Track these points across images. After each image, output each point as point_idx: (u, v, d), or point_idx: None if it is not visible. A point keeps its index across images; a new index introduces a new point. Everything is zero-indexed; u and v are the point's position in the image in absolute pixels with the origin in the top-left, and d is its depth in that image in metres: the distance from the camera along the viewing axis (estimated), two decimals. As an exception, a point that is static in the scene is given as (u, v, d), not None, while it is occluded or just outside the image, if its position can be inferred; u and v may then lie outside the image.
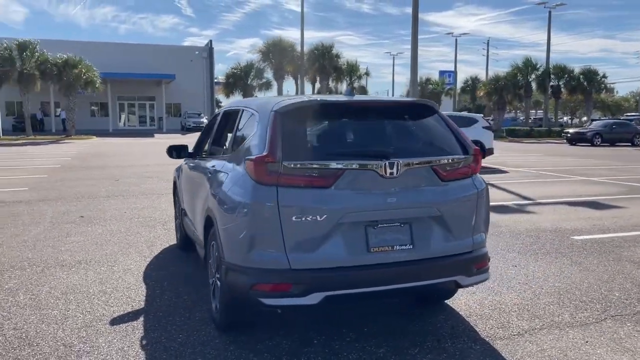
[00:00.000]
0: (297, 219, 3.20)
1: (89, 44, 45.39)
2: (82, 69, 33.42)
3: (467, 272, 3.60)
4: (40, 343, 3.65)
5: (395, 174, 3.35)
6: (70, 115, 34.87)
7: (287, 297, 3.21)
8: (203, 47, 51.38)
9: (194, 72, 48.31)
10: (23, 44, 32.22)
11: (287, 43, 38.86)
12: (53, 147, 26.19)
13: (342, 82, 44.03)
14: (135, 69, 44.38)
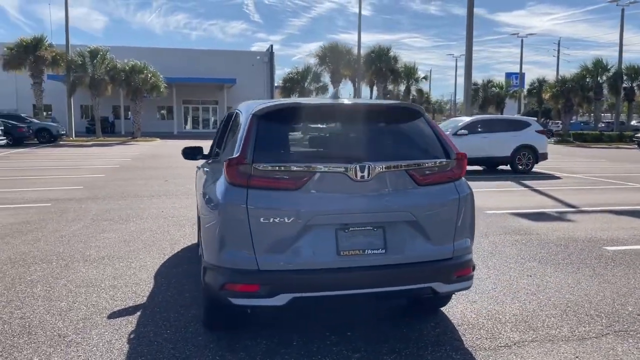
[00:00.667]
0: (265, 221, 3.25)
1: (156, 50, 47.46)
2: (147, 74, 35.03)
3: (445, 280, 3.51)
4: (38, 332, 3.90)
5: (367, 177, 3.33)
6: (137, 118, 36.61)
7: (254, 297, 3.27)
8: (264, 52, 52.44)
9: (255, 76, 49.38)
10: (94, 51, 34.22)
11: (343, 47, 39.05)
12: (118, 149, 27.58)
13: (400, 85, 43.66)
14: (199, 73, 45.95)
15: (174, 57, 46.92)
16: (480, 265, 5.76)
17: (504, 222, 8.23)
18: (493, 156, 15.93)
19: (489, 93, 50.74)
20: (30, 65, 32.95)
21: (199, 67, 46.44)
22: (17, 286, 4.98)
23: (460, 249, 3.61)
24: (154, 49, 48.10)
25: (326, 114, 3.80)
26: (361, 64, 36.79)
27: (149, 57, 38.84)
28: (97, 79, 33.62)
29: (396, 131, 3.80)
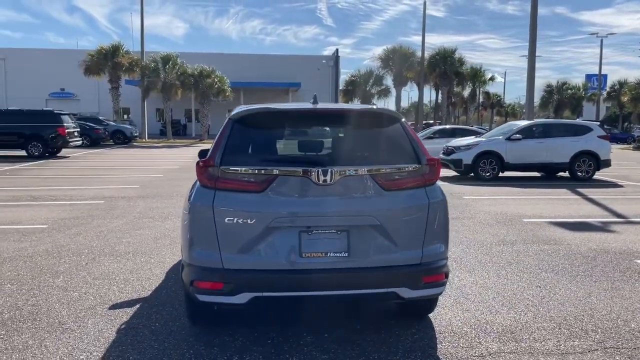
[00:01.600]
0: (230, 221, 3.39)
1: (226, 55, 49.17)
2: (214, 78, 36.37)
3: (412, 285, 3.50)
4: (42, 319, 4.25)
5: (329, 181, 3.39)
6: (204, 121, 38.10)
7: (218, 295, 3.42)
8: (330, 56, 52.89)
9: (321, 80, 49.86)
10: (166, 57, 36.00)
11: (407, 49, 38.58)
12: (183, 150, 28.81)
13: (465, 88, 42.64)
14: (265, 78, 47.10)
15: (242, 62, 48.40)
16: (491, 274, 5.62)
17: (537, 231, 7.93)
18: (550, 162, 15.26)
19: (564, 95, 48.37)
20: (109, 71, 35.14)
21: (266, 72, 47.60)
22: (42, 276, 5.42)
23: (431, 254, 3.59)
24: (224, 54, 49.84)
25: (299, 119, 3.90)
26: (425, 66, 36.22)
27: (218, 62, 40.34)
28: (168, 84, 35.34)
29: (368, 136, 3.82)
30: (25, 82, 48.06)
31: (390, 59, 37.88)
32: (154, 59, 35.89)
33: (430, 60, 38.06)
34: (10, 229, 7.82)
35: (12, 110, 23.58)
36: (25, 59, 48.95)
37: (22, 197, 11.03)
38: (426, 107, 72.43)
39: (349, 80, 41.11)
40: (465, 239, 7.30)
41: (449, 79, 38.48)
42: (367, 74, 39.22)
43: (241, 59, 49.71)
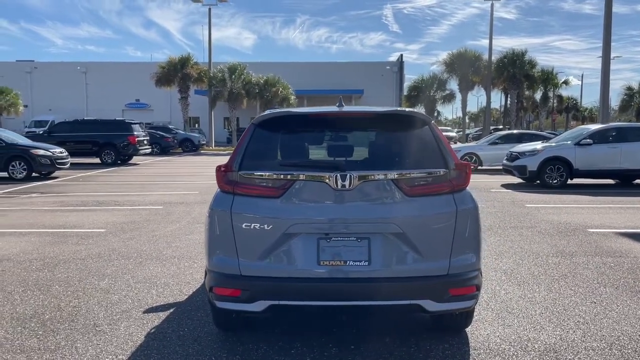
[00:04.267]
0: (247, 227, 3.33)
1: (290, 64, 49.90)
2: (279, 87, 36.94)
3: (436, 297, 3.29)
4: (79, 320, 4.37)
5: (348, 186, 3.26)
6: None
7: (236, 302, 3.36)
8: (394, 62, 52.50)
9: (385, 86, 49.63)
10: (232, 67, 36.99)
11: (472, 53, 37.42)
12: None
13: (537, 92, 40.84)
14: (329, 85, 47.33)
15: (306, 71, 48.97)
16: (542, 287, 5.25)
17: (602, 242, 7.37)
18: (625, 169, 14.24)
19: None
20: (178, 82, 36.52)
21: (329, 80, 47.85)
22: (89, 278, 5.61)
23: (459, 265, 3.37)
24: (288, 63, 50.62)
25: (322, 123, 3.79)
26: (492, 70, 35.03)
27: (283, 71, 41.02)
28: (234, 93, 36.28)
29: (392, 140, 3.66)
30: (104, 93, 50.94)
31: (455, 63, 36.94)
32: (220, 70, 37.00)
33: (498, 64, 36.76)
34: (72, 232, 8.20)
35: (88, 120, 25.00)
36: (104, 72, 51.90)
37: (89, 202, 11.59)
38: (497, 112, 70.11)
39: (412, 85, 40.42)
40: (520, 250, 6.90)
41: (518, 82, 36.96)
42: (430, 79, 38.40)
43: (305, 67, 50.28)
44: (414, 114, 3.68)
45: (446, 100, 39.71)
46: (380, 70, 50.77)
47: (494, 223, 8.87)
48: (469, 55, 37.49)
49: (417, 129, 3.59)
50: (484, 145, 20.54)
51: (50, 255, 6.64)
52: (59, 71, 52.97)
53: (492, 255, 6.61)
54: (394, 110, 3.81)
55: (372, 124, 3.75)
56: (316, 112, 3.82)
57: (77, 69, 52.51)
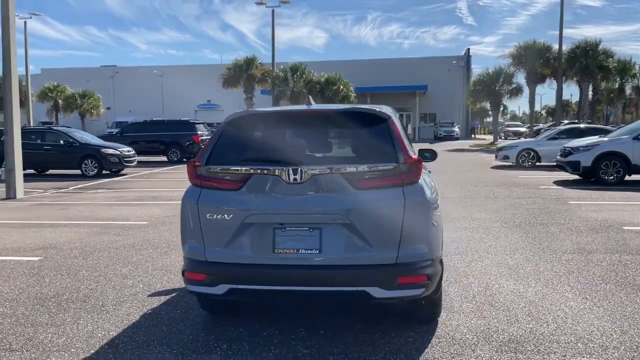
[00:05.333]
0: (211, 217, 3.65)
1: (352, 62, 50.17)
2: (340, 85, 37.28)
3: (384, 285, 3.46)
4: (90, 302, 4.88)
5: (299, 180, 3.50)
6: (330, 126, 39.28)
7: (202, 285, 3.69)
8: (461, 56, 51.34)
9: (451, 81, 48.68)
10: (294, 66, 37.75)
11: (541, 44, 35.78)
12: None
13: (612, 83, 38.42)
14: (392, 82, 47.12)
15: (369, 68, 48.99)
16: (539, 283, 5.22)
17: (633, 240, 7.10)
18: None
19: None
20: (244, 83, 37.75)
21: (393, 76, 47.60)
22: (115, 265, 6.17)
23: (408, 255, 3.52)
24: (351, 61, 50.90)
25: (285, 121, 4.03)
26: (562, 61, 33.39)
27: (347, 69, 41.46)
28: (296, 92, 37.01)
29: (348, 136, 3.85)
30: (178, 95, 53.41)
31: (523, 55, 35.51)
32: (283, 69, 37.87)
33: (570, 55, 34.93)
34: (117, 224, 8.92)
35: (155, 121, 26.49)
36: (178, 74, 54.44)
37: (145, 197, 12.44)
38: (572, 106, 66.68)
39: (477, 80, 39.26)
40: (538, 246, 6.80)
41: (591, 74, 34.99)
42: (496, 72, 37.18)
43: (369, 64, 50.31)
44: (372, 111, 3.85)
45: (513, 95, 38.28)
46: (446, 65, 49.84)
47: (524, 220, 8.71)
48: (537, 47, 35.95)
49: (374, 125, 3.76)
50: (543, 140, 19.81)
51: (90, 245, 7.31)
52: (138, 75, 56.21)
53: (505, 251, 6.57)
54: (353, 108, 3.99)
55: (333, 121, 3.96)
56: (281, 111, 4.09)
57: (154, 73, 55.45)
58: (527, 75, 36.42)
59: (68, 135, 19.50)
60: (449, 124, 46.43)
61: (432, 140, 44.56)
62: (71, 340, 3.96)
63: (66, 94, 42.73)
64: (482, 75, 38.40)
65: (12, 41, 13.50)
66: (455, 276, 5.49)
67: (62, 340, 3.97)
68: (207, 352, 3.72)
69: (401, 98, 49.06)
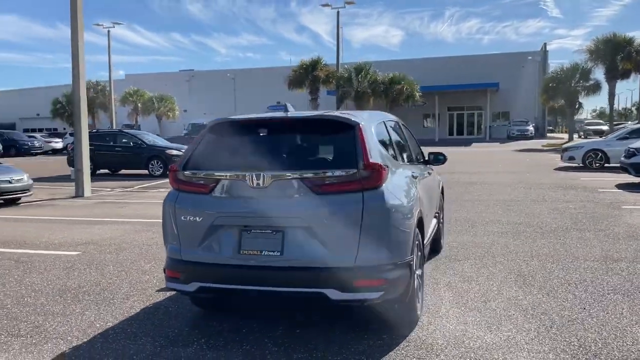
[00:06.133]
0: (185, 219, 3.90)
1: (420, 60, 49.41)
2: (404, 84, 36.91)
3: (341, 287, 3.54)
4: (104, 294, 5.29)
5: (262, 185, 3.66)
6: (394, 126, 39.00)
7: (177, 282, 3.95)
8: (537, 52, 49.15)
9: (525, 78, 46.76)
10: (358, 67, 37.84)
11: (621, 37, 33.35)
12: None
13: None
14: (462, 80, 45.94)
15: (441, 66, 48.05)
16: (543, 291, 5.07)
17: (669, 247, 6.66)
18: None
19: None
20: (308, 84, 38.31)
21: (463, 73, 46.41)
22: (140, 261, 6.61)
23: (367, 259, 3.58)
24: (417, 59, 50.20)
25: (258, 128, 4.19)
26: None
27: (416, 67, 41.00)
28: (360, 92, 37.07)
29: (313, 142, 3.97)
30: (250, 97, 54.97)
31: (601, 49, 33.36)
32: (347, 70, 38.04)
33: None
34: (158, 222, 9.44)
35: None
36: (250, 77, 56.06)
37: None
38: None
39: (550, 77, 37.33)
40: (561, 253, 6.55)
41: (680, 66, 32.28)
42: (571, 68, 35.19)
43: (436, 62, 49.32)
44: (339, 118, 3.94)
45: (590, 92, 36.12)
46: (520, 61, 47.86)
47: (562, 225, 8.36)
48: (617, 40, 33.71)
49: (341, 132, 3.85)
50: (612, 140, 18.67)
51: (126, 241, 7.85)
52: (212, 78, 58.39)
53: (524, 257, 6.38)
54: (322, 115, 4.10)
55: (303, 128, 4.08)
56: (255, 118, 4.27)
57: (227, 76, 57.40)
58: (606, 71, 34.26)
59: (137, 137, 20.78)
60: (522, 122, 44.62)
61: (503, 139, 43.04)
62: (71, 330, 4.35)
63: (145, 98, 45.28)
64: (556, 71, 36.55)
65: (80, 54, 14.60)
66: (457, 281, 5.44)
67: (63, 329, 4.37)
68: (184, 346, 3.97)
69: (471, 96, 47.76)
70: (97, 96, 46.43)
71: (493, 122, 48.49)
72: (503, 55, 49.76)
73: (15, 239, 8.23)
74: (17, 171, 13.37)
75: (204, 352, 3.84)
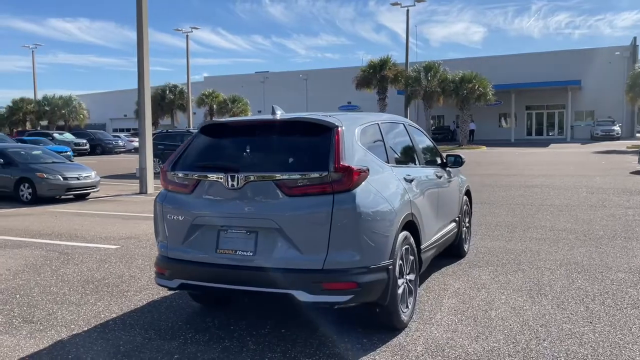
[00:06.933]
0: (170, 217, 4.06)
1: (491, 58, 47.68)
2: (476, 83, 35.72)
3: (309, 289, 3.54)
4: (122, 287, 5.60)
5: (236, 186, 3.73)
6: (464, 126, 37.86)
7: (163, 278, 4.11)
8: (626, 47, 45.86)
9: (611, 75, 43.76)
10: (427, 66, 37.08)
11: None
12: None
13: None
14: (541, 77, 43.78)
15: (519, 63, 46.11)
16: (553, 303, 4.80)
17: None
18: None
19: None
20: (376, 84, 38.06)
21: (543, 71, 44.20)
22: (167, 257, 6.91)
23: (337, 261, 3.57)
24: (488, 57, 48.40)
25: (242, 130, 4.25)
26: None
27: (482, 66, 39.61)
28: (429, 92, 36.32)
29: (289, 144, 3.96)
30: (321, 97, 55.51)
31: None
32: (416, 69, 37.41)
33: None
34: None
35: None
36: (322, 77, 56.56)
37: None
38: None
39: (636, 73, 34.61)
40: (594, 263, 6.14)
41: None
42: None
43: (517, 59, 47.26)
44: (316, 121, 3.94)
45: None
46: (607, 57, 44.84)
47: (610, 233, 7.83)
48: None
49: (318, 134, 3.85)
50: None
51: (164, 237, 8.22)
52: (285, 79, 59.48)
53: (551, 266, 6.05)
54: (300, 118, 4.11)
55: (283, 130, 4.10)
56: (240, 120, 4.36)
57: (299, 77, 58.26)
58: None
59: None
60: (608, 122, 41.79)
61: (586, 140, 40.58)
62: (77, 318, 4.65)
63: (219, 100, 46.93)
64: (640, 67, 33.93)
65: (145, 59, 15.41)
66: (467, 288, 5.26)
67: (71, 317, 4.68)
68: (170, 339, 4.14)
69: (550, 94, 45.36)
70: (176, 98, 48.71)
71: (576, 122, 45.82)
72: (587, 51, 46.80)
73: (69, 232, 8.86)
74: (85, 169, 14.38)
75: (186, 346, 3.98)
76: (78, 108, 52.60)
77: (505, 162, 23.61)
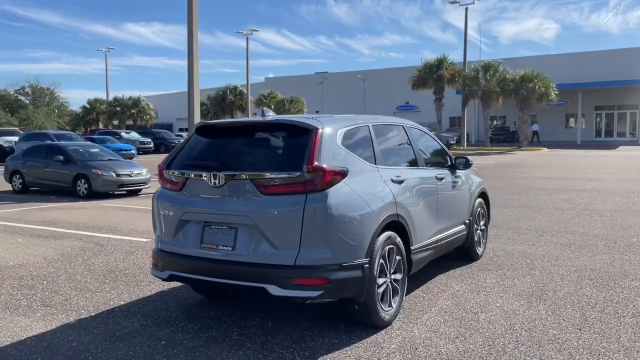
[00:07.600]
0: (163, 212, 4.33)
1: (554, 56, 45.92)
2: (537, 82, 34.46)
3: (281, 284, 3.69)
4: (139, 277, 5.96)
5: (218, 184, 3.94)
6: (524, 127, 36.56)
7: (157, 270, 4.39)
8: None
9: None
10: (486, 65, 36.15)
11: None
12: (488, 158, 28.45)
13: None
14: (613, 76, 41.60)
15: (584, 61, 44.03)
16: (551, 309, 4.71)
17: None
18: None
19: None
20: (433, 83, 37.55)
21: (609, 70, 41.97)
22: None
23: (309, 258, 3.71)
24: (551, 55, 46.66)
25: (231, 131, 4.44)
26: None
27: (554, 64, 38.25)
28: (487, 91, 35.40)
29: (270, 145, 4.12)
30: (379, 97, 55.38)
31: None
32: (474, 69, 36.58)
33: None
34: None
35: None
36: (379, 77, 56.36)
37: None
38: None
39: None
40: (614, 270, 5.93)
41: None
42: None
43: (582, 57, 45.17)
44: (296, 123, 4.09)
45: None
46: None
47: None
48: None
49: (297, 136, 3.99)
50: None
51: (194, 233, 8.60)
52: (343, 79, 59.75)
53: (563, 272, 5.90)
54: (281, 120, 4.29)
55: (266, 131, 4.26)
56: (229, 122, 4.59)
57: (357, 77, 58.31)
58: None
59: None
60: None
61: (658, 142, 38.23)
62: (89, 304, 5.03)
63: (277, 100, 47.85)
64: None
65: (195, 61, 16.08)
66: (466, 290, 5.24)
67: (84, 303, 5.07)
68: (164, 326, 4.41)
69: (621, 94, 43.02)
70: (236, 99, 50.09)
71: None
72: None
73: (110, 225, 9.44)
74: (137, 166, 15.16)
75: (175, 334, 4.24)
76: (146, 108, 55.16)
77: (563, 164, 22.74)
